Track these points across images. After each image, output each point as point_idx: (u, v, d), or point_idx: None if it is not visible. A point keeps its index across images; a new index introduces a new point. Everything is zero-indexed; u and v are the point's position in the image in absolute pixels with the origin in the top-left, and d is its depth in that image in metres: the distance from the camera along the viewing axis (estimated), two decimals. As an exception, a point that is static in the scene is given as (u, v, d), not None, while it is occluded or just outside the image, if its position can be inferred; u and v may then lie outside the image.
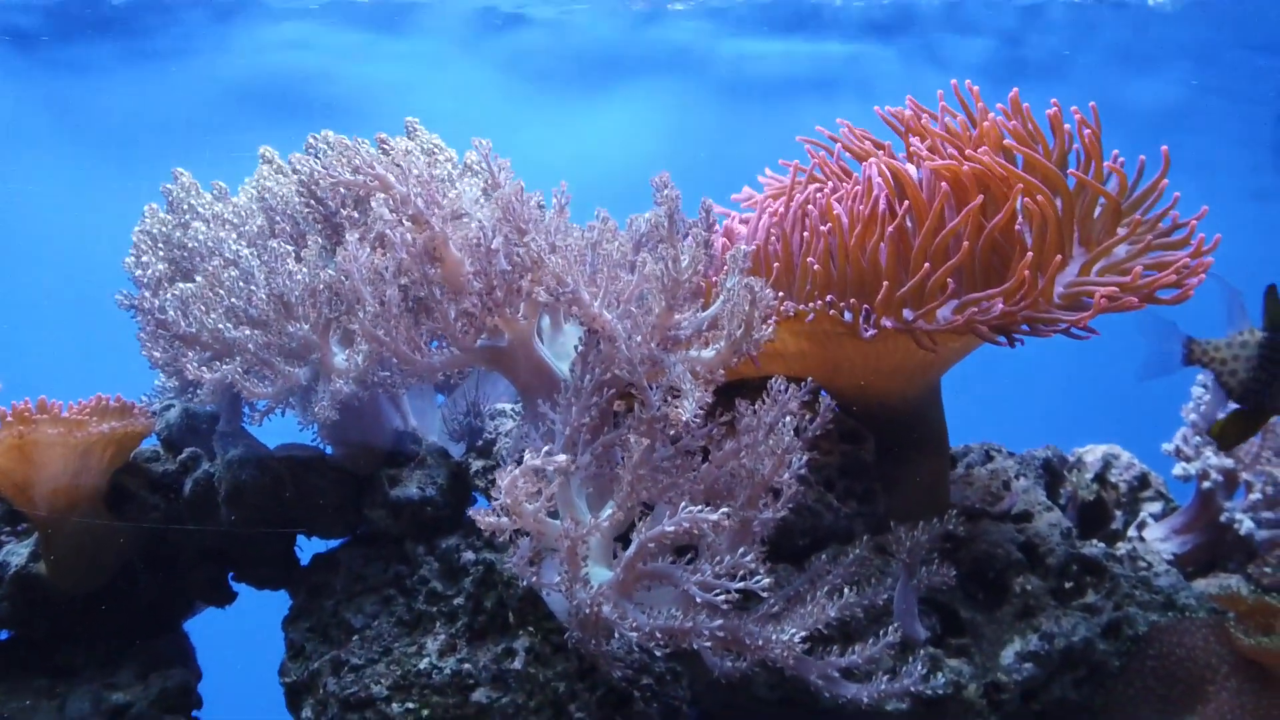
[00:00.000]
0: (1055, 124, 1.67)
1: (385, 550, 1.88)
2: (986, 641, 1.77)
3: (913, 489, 1.84)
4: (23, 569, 1.90)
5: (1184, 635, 1.78)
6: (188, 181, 1.98)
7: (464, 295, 1.57)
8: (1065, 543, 1.89)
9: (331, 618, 1.84)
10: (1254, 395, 1.66)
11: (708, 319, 1.48)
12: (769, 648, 1.40)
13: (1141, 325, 1.67)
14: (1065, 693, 1.78)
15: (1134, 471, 2.46)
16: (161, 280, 1.85)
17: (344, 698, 1.69)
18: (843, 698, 1.48)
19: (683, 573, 1.38)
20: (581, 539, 1.37)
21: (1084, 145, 1.65)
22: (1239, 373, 1.66)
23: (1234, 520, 2.23)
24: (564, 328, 1.71)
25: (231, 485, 1.86)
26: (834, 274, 1.58)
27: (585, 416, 1.45)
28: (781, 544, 1.74)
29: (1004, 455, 2.12)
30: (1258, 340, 1.64)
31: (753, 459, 1.43)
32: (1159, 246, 1.61)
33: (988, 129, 1.67)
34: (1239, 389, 1.67)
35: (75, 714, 1.89)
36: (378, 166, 1.57)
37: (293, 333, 1.63)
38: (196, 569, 2.04)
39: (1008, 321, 1.49)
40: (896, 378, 1.74)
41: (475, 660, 1.67)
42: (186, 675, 2.00)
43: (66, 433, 1.69)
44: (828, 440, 1.81)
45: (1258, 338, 1.65)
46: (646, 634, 1.38)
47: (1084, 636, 1.77)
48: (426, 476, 1.85)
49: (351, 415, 1.83)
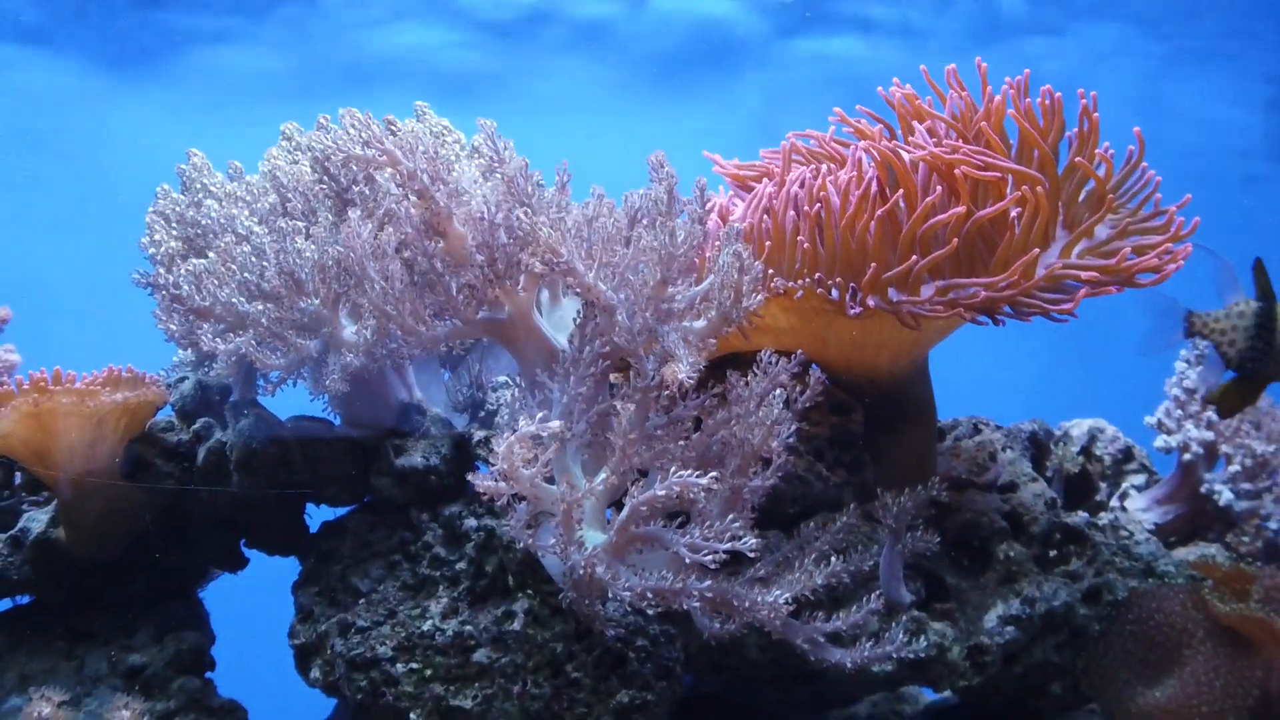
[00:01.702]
0: (1055, 108, 1.67)
1: (391, 517, 1.91)
2: (971, 606, 1.79)
3: (900, 459, 1.86)
4: (43, 535, 1.93)
5: (1162, 601, 1.80)
6: (200, 162, 2.00)
7: (466, 268, 1.59)
8: (1049, 512, 1.91)
9: (339, 582, 1.87)
10: (1251, 363, 1.69)
11: (701, 292, 1.50)
12: (756, 609, 1.43)
13: (1141, 301, 1.69)
14: (1047, 656, 1.80)
15: (1119, 445, 2.48)
16: (175, 257, 1.88)
17: (350, 658, 1.72)
18: (827, 662, 1.50)
19: (673, 535, 1.41)
20: (576, 503, 1.40)
21: (1080, 132, 1.65)
22: (1237, 342, 1.68)
23: (1214, 491, 2.26)
24: (563, 301, 1.73)
25: (242, 454, 1.89)
26: (822, 252, 1.59)
27: (582, 385, 1.47)
28: (772, 511, 1.76)
29: (991, 428, 2.14)
30: (1253, 310, 1.67)
31: (743, 429, 1.45)
32: (1138, 231, 1.63)
33: (995, 107, 1.68)
34: (1237, 358, 1.69)
35: (93, 674, 1.92)
36: (387, 142, 1.58)
37: (304, 307, 1.65)
38: (209, 536, 2.07)
39: (990, 304, 1.51)
40: (883, 353, 1.75)
41: (476, 622, 1.70)
42: (200, 638, 2.03)
43: (80, 402, 1.72)
44: (818, 411, 1.83)
45: (1253, 308, 1.67)
46: (638, 594, 1.40)
47: (1064, 601, 1.79)
48: (431, 446, 1.87)
49: (359, 387, 1.86)
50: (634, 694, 1.64)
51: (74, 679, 1.91)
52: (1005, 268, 1.50)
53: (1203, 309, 1.73)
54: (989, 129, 1.67)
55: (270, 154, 1.91)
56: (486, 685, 1.65)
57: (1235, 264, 1.71)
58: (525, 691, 1.63)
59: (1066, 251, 1.58)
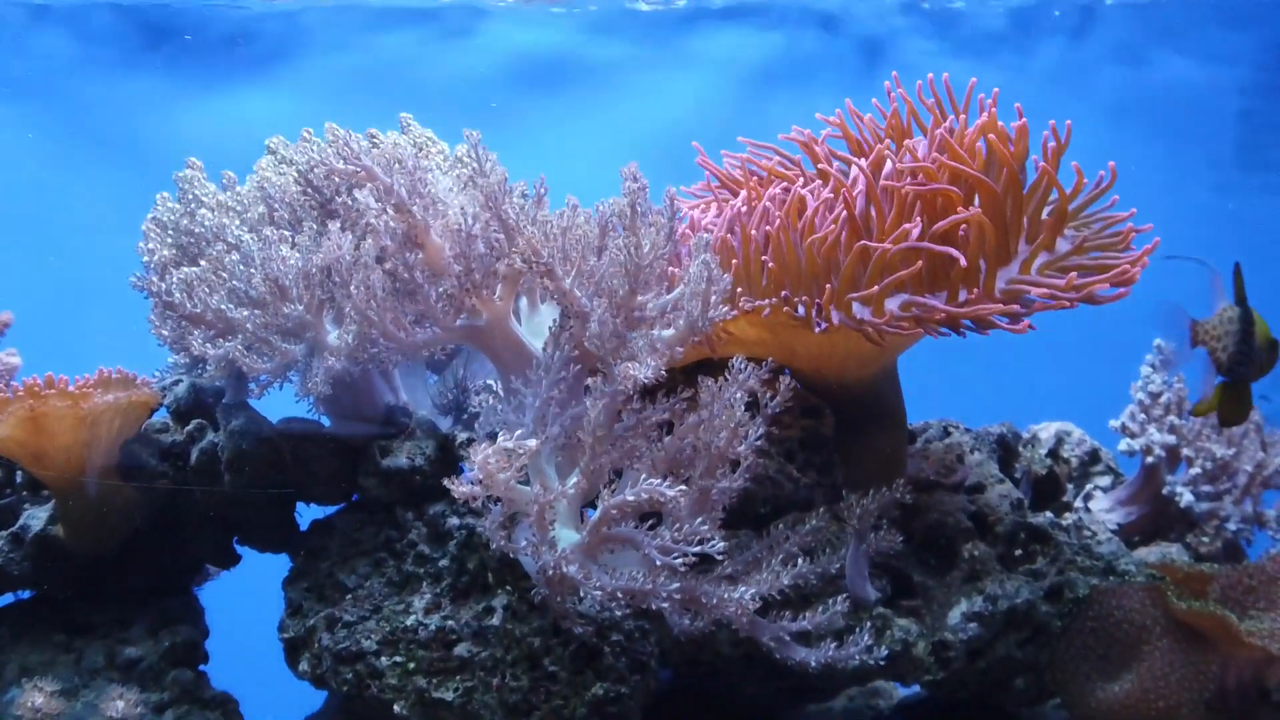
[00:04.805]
0: (1021, 132, 1.66)
1: (377, 516, 1.91)
2: (936, 604, 1.80)
3: (869, 461, 1.86)
4: (42, 532, 1.94)
5: (1122, 598, 1.81)
6: (193, 173, 1.99)
7: (444, 277, 1.59)
8: (1014, 513, 1.92)
9: (327, 578, 1.87)
10: (1239, 368, 1.67)
11: (671, 301, 1.51)
12: (723, 606, 1.44)
13: (1152, 313, 1.68)
14: (1010, 651, 1.81)
15: (1085, 447, 2.49)
16: (168, 264, 1.88)
17: (337, 652, 1.73)
18: (792, 660, 1.51)
19: (645, 537, 1.41)
20: (549, 504, 1.40)
21: (1044, 155, 1.64)
22: (1228, 348, 1.67)
23: (1175, 493, 2.26)
24: (540, 308, 1.73)
25: (233, 454, 1.89)
26: (788, 267, 1.59)
27: (554, 390, 1.48)
28: (744, 511, 1.77)
29: (960, 431, 2.14)
30: (1236, 315, 1.66)
31: (709, 432, 1.45)
32: (1096, 247, 1.63)
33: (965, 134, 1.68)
34: (1227, 363, 1.68)
35: (90, 667, 1.93)
36: (364, 158, 1.59)
37: (288, 313, 1.66)
38: (203, 533, 2.07)
39: (952, 320, 1.51)
40: (850, 362, 1.76)
41: (458, 617, 1.71)
42: (194, 633, 2.04)
43: (73, 404, 1.72)
44: (789, 415, 1.84)
45: (1236, 313, 1.66)
46: (609, 594, 1.41)
47: (1026, 599, 1.80)
48: (416, 447, 1.88)
49: (346, 390, 1.87)
50: (609, 687, 1.65)
51: (72, 671, 1.92)
52: (961, 282, 1.50)
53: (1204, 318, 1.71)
54: (954, 145, 1.67)
55: (259, 165, 1.91)
56: (467, 678, 1.66)
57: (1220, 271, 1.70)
58: (504, 684, 1.64)
59: (1026, 266, 1.58)
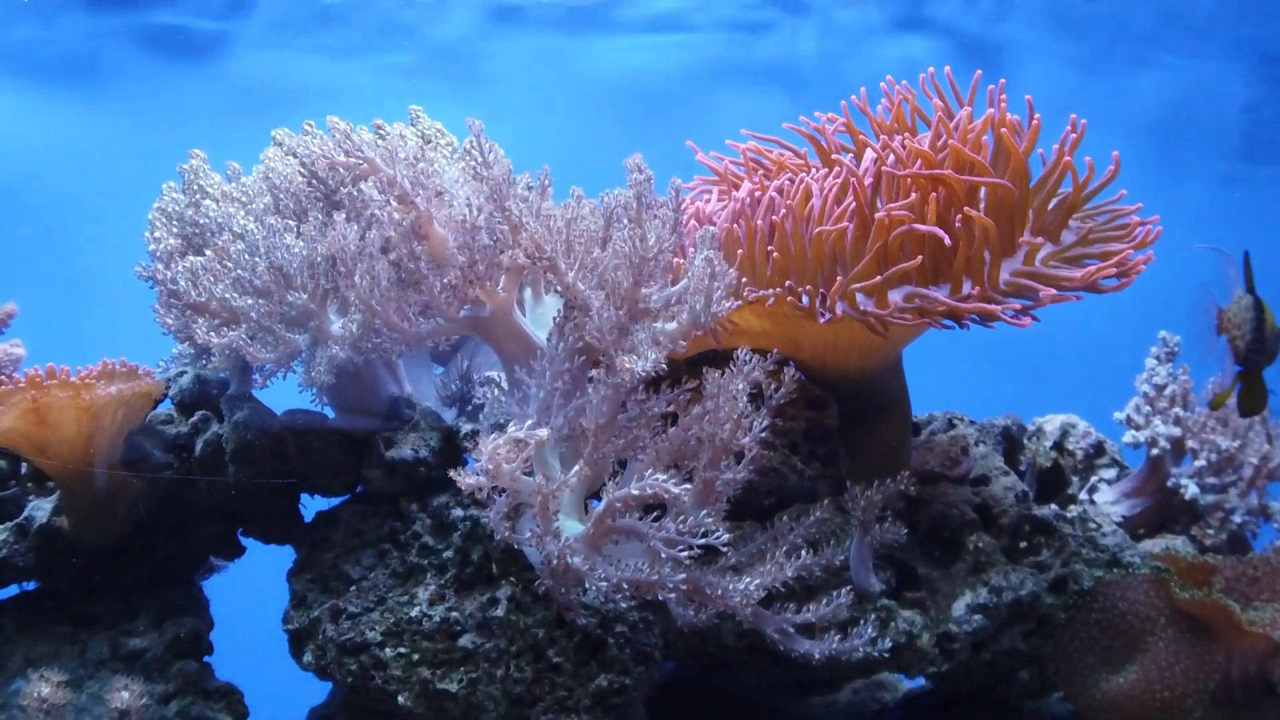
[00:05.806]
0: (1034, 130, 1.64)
1: (382, 508, 1.90)
2: (941, 595, 1.78)
3: (874, 453, 1.85)
4: (46, 523, 1.92)
5: (1126, 590, 1.79)
6: (198, 164, 1.98)
7: (448, 269, 1.58)
8: (1019, 505, 1.90)
9: (331, 570, 1.86)
10: (1255, 356, 1.65)
11: (675, 294, 1.49)
12: (727, 598, 1.42)
13: (1184, 301, 1.66)
14: (1014, 643, 1.79)
15: (1090, 439, 2.47)
16: (173, 254, 1.86)
17: (341, 643, 1.72)
18: (795, 652, 1.49)
19: (649, 529, 1.40)
20: (553, 494, 1.39)
21: (1056, 149, 1.62)
22: (1246, 336, 1.65)
23: (1180, 485, 2.24)
24: (544, 299, 1.72)
25: (238, 445, 1.88)
26: (793, 258, 1.57)
27: (558, 381, 1.46)
28: (749, 503, 1.75)
29: (965, 423, 2.13)
30: (1249, 303, 1.64)
31: (712, 423, 1.43)
32: (1101, 239, 1.61)
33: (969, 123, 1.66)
34: (1244, 351, 1.66)
35: (95, 658, 1.92)
36: (366, 150, 1.57)
37: (292, 302, 1.64)
38: (207, 525, 2.06)
39: (954, 312, 1.49)
40: (854, 353, 1.74)
41: (462, 609, 1.70)
42: (198, 624, 2.02)
43: (76, 396, 1.71)
44: (793, 407, 1.82)
45: (1249, 300, 1.64)
46: (614, 585, 1.39)
47: (1031, 590, 1.78)
48: (420, 439, 1.86)
49: (351, 381, 1.85)
50: (612, 678, 1.63)
51: (77, 662, 1.90)
52: (966, 273, 1.48)
53: None
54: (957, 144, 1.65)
55: (265, 156, 1.90)
56: (471, 669, 1.65)
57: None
58: (508, 675, 1.62)
59: (1030, 258, 1.56)
